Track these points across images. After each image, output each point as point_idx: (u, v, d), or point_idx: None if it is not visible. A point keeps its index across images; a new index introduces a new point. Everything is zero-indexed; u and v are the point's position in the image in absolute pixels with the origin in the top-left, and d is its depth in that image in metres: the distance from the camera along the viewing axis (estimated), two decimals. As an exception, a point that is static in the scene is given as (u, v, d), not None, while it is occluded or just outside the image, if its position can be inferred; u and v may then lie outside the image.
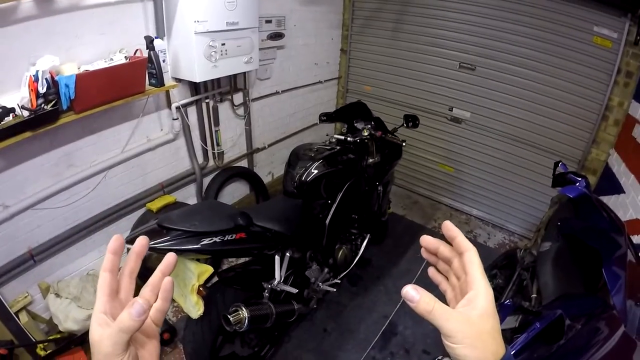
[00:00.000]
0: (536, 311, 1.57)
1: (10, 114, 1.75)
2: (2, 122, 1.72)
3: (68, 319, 2.25)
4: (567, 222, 1.98)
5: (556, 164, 2.32)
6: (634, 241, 1.99)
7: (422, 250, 0.58)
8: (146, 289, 0.52)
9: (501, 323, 1.55)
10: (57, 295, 2.31)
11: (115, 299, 0.49)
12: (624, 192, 2.54)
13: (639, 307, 1.47)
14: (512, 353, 1.26)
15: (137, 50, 2.30)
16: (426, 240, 0.57)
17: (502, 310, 1.62)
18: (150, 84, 2.38)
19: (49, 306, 2.31)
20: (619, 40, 2.82)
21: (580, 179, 2.15)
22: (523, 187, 3.64)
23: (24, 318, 2.23)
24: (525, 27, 3.17)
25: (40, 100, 1.83)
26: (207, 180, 3.19)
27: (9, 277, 2.17)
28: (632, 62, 2.81)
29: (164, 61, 2.40)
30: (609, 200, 2.67)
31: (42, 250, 2.28)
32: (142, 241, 0.53)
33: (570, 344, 1.24)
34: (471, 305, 0.48)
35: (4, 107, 1.73)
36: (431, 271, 0.59)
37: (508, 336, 1.64)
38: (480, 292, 0.48)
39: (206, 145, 3.11)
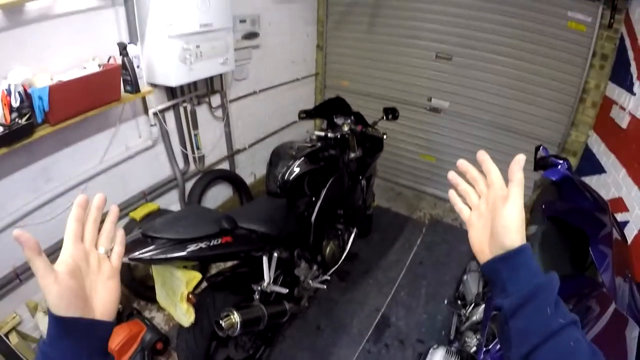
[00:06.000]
0: None
1: (-16, 131, 1.69)
2: (-25, 140, 1.66)
3: (57, 336, 2.20)
4: (551, 205, 2.00)
5: (537, 148, 2.34)
6: (618, 219, 2.05)
7: (450, 172, 0.72)
8: (102, 238, 0.63)
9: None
10: (46, 313, 2.26)
11: (80, 244, 0.60)
12: (605, 172, 2.61)
13: (627, 283, 1.51)
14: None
15: (110, 57, 2.24)
16: (461, 161, 0.71)
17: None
18: (126, 91, 2.31)
19: (38, 325, 2.26)
20: (593, 24, 2.90)
21: (561, 161, 2.18)
22: (505, 172, 3.68)
23: (14, 339, 2.17)
24: (500, 16, 3.22)
25: (14, 115, 1.77)
26: (189, 185, 3.15)
27: (-5, 298, 2.10)
28: (606, 45, 2.89)
29: (138, 67, 2.34)
30: (591, 181, 2.75)
31: (28, 268, 2.19)
32: (101, 196, 0.62)
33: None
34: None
35: (-25, 125, 1.67)
36: (451, 193, 0.74)
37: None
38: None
39: (186, 150, 3.06)
